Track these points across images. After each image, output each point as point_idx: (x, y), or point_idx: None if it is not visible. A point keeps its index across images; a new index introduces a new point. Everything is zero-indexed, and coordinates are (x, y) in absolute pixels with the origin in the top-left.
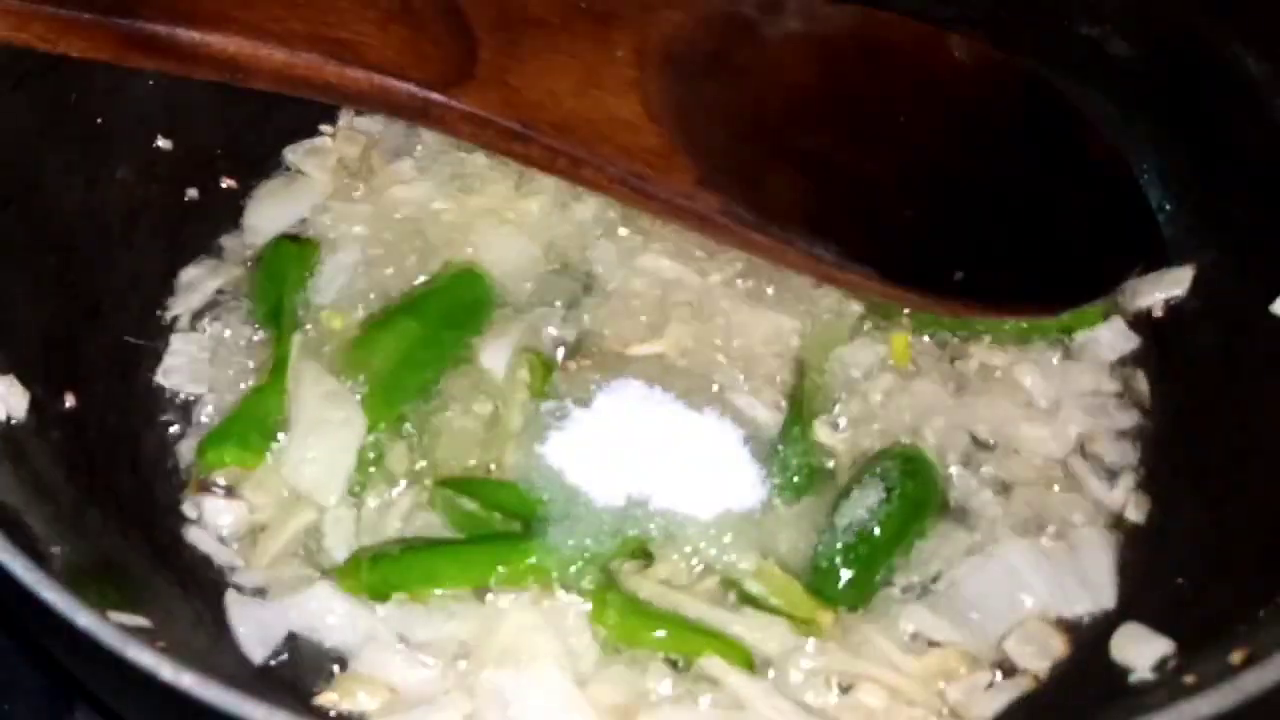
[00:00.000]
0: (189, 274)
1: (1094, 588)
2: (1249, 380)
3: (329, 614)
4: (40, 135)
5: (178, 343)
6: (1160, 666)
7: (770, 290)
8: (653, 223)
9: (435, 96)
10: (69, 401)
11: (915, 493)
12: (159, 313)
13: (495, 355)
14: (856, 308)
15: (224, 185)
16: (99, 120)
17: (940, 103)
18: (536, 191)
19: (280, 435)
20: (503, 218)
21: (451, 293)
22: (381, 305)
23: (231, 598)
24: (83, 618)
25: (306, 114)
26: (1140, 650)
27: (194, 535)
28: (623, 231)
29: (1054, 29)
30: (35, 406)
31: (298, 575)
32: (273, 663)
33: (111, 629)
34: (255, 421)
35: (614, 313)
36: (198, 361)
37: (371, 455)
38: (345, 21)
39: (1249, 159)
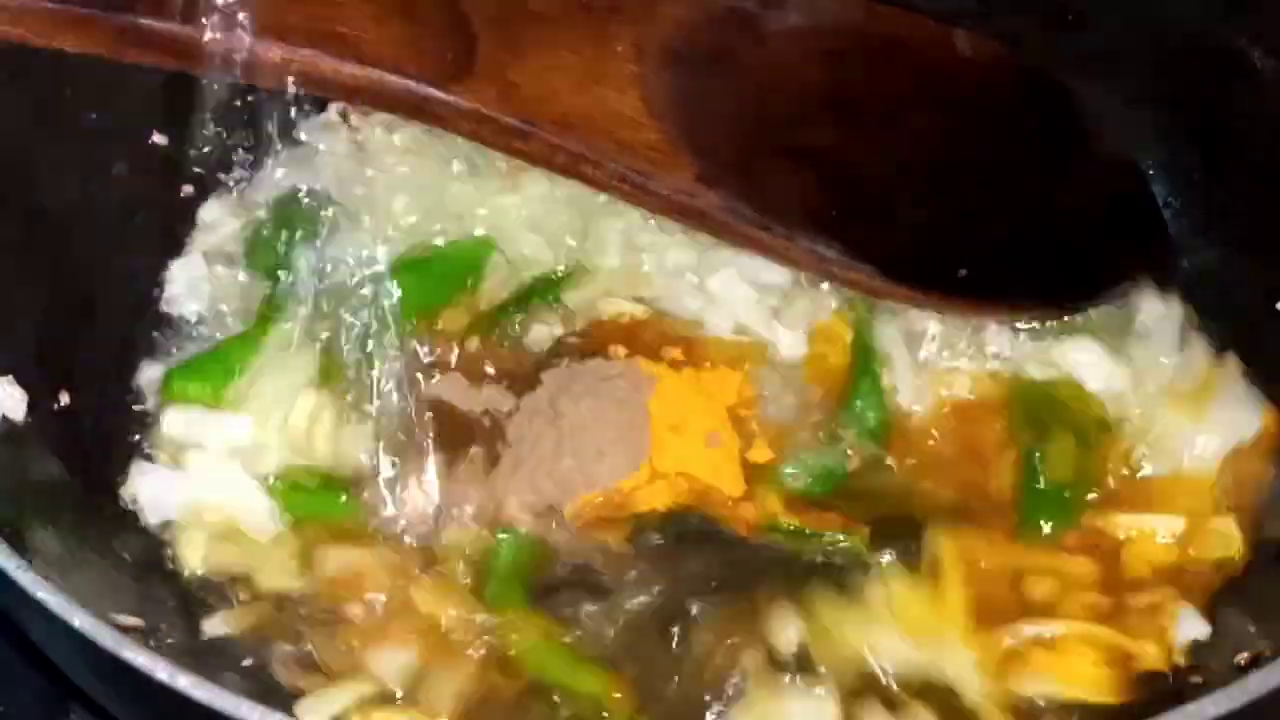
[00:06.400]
0: (210, 211)
1: None
2: (1254, 380)
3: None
4: (35, 131)
5: (176, 268)
6: (1192, 651)
7: None
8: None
9: (434, 93)
10: (64, 400)
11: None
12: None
13: None
14: None
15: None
16: (94, 116)
17: (944, 99)
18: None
19: None
20: (512, 193)
21: (456, 258)
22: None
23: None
24: (79, 618)
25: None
26: (1179, 629)
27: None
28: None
29: (1059, 24)
30: (31, 406)
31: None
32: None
33: (107, 629)
34: (224, 362)
35: (609, 290)
36: (196, 281)
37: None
38: (343, 16)
39: (1256, 156)
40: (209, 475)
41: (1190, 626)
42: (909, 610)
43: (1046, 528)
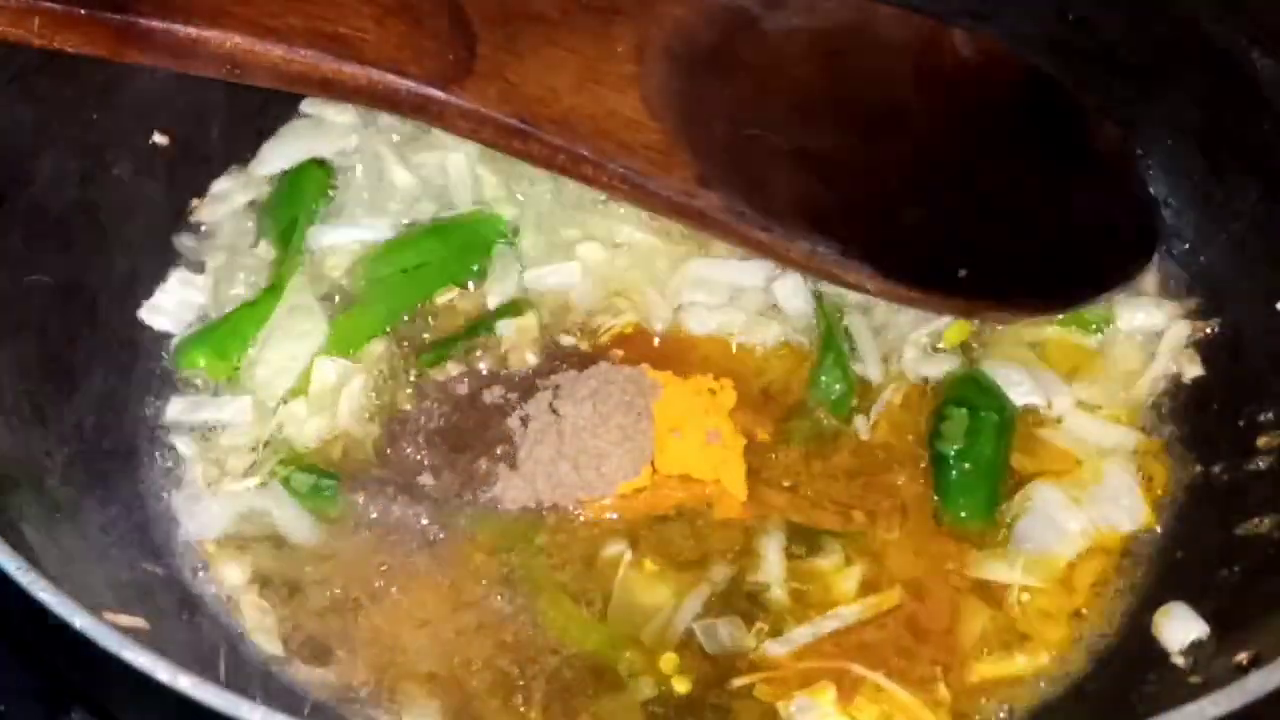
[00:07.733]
0: (220, 185)
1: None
2: (1254, 379)
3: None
4: (36, 132)
5: (174, 282)
6: (1191, 650)
7: None
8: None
9: (434, 93)
10: (65, 401)
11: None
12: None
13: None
14: None
15: None
16: (95, 116)
17: (942, 98)
18: None
19: None
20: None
21: (472, 229)
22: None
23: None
24: (79, 619)
25: None
26: (1178, 629)
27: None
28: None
29: (1058, 23)
30: (31, 405)
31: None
32: None
33: (108, 630)
34: (234, 332)
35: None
36: (185, 306)
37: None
38: (343, 17)
39: (1254, 155)
40: (248, 492)
41: (1189, 626)
42: None
43: (961, 511)
